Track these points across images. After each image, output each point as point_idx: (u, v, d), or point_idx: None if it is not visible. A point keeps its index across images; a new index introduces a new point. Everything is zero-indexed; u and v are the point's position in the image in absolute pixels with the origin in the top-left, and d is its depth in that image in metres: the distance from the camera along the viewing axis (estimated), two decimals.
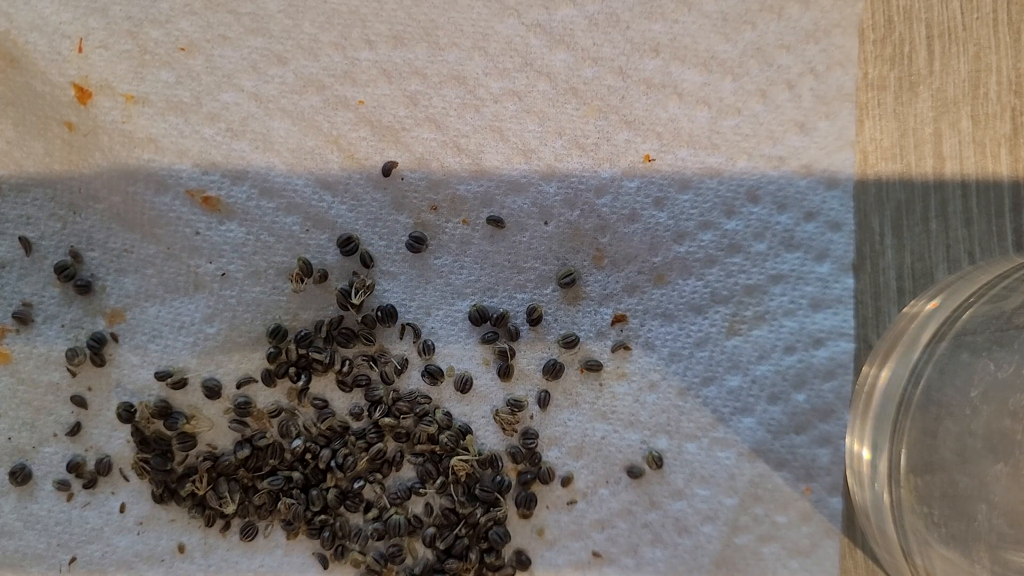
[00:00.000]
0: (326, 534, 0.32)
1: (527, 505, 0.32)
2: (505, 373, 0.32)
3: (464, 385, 0.32)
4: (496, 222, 0.32)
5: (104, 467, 0.32)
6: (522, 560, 0.32)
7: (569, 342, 0.32)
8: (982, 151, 0.31)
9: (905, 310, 0.29)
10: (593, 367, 0.32)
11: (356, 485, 0.32)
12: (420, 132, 0.31)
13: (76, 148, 0.31)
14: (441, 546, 0.32)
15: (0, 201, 0.32)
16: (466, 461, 0.32)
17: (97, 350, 0.32)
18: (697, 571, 0.32)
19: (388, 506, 0.32)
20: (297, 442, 0.32)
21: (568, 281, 0.32)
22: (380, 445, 0.32)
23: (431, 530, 0.32)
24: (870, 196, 0.31)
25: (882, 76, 0.31)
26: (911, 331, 0.27)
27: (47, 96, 0.31)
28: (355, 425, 0.32)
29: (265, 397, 0.32)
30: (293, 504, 0.32)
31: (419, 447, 0.32)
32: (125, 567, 0.32)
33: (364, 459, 0.32)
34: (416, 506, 0.32)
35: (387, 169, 0.31)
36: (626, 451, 0.32)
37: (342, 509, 0.32)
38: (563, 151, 0.31)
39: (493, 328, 0.32)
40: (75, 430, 0.32)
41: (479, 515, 0.32)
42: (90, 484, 0.32)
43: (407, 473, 0.32)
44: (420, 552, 0.32)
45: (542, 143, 0.31)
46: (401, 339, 0.32)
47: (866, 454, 0.28)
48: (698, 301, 0.32)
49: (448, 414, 0.32)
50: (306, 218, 0.31)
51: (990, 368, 0.25)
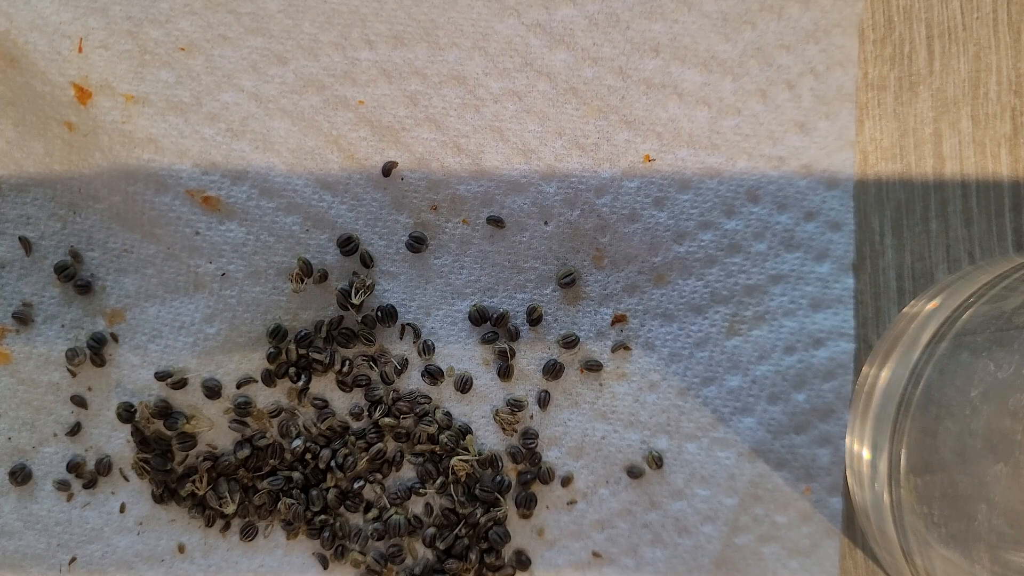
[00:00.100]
0: (326, 534, 0.32)
1: (527, 505, 0.32)
2: (505, 373, 0.32)
3: (464, 385, 0.32)
4: (496, 222, 0.32)
5: (104, 467, 0.32)
6: (522, 560, 0.32)
7: (569, 342, 0.32)
8: (982, 151, 0.31)
9: (905, 310, 0.29)
10: (593, 367, 0.32)
11: (356, 485, 0.32)
12: (420, 132, 0.31)
13: (76, 148, 0.31)
14: (441, 546, 0.32)
15: (0, 201, 0.32)
16: (466, 461, 0.32)
17: (97, 350, 0.32)
18: (697, 571, 0.32)
19: (388, 506, 0.32)
20: (297, 442, 0.32)
21: (568, 281, 0.32)
22: (380, 445, 0.32)
23: (431, 530, 0.32)
24: (870, 196, 0.31)
25: (882, 76, 0.31)
26: (911, 331, 0.27)
27: (47, 96, 0.31)
28: (355, 425, 0.32)
29: (265, 397, 0.32)
30: (293, 504, 0.32)
31: (419, 447, 0.32)
32: (125, 567, 0.32)
33: (364, 459, 0.32)
34: (416, 506, 0.32)
35: (387, 169, 0.31)
36: (626, 451, 0.32)
37: (342, 509, 0.32)
38: (563, 151, 0.31)
39: (493, 328, 0.32)
40: (75, 430, 0.32)
41: (479, 515, 0.32)
42: (90, 484, 0.32)
43: (407, 473, 0.32)
44: (420, 552, 0.32)
45: (542, 143, 0.31)
46: (401, 339, 0.32)
47: (866, 454, 0.28)
48: (698, 301, 0.32)
49: (448, 414, 0.32)
50: (306, 218, 0.31)
51: (990, 368, 0.25)
